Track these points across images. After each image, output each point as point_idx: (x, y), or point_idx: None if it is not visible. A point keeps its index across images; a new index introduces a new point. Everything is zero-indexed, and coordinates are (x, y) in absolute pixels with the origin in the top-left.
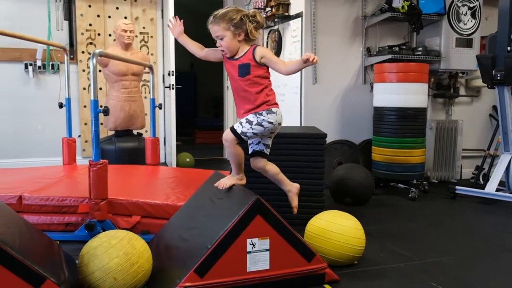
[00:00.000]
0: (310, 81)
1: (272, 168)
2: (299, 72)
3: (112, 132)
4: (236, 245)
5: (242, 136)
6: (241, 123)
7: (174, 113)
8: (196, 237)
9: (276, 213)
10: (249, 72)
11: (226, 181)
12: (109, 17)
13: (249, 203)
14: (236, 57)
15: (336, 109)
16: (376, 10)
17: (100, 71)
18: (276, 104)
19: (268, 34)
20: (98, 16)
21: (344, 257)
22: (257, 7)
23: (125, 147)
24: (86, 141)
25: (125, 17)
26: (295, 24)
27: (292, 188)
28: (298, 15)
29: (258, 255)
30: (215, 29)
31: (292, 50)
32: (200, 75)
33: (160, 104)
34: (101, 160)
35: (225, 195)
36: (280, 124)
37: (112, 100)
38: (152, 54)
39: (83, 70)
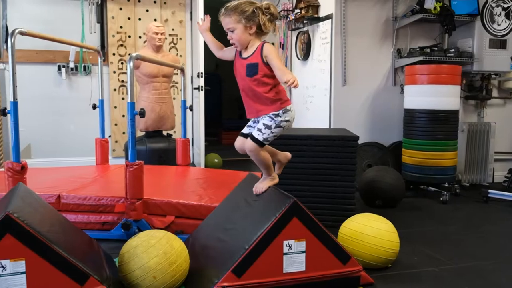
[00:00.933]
0: (339, 83)
1: (268, 147)
2: (328, 74)
3: (142, 133)
4: (273, 246)
5: (265, 142)
6: (260, 130)
7: (203, 114)
8: (233, 238)
9: (312, 215)
10: (257, 72)
11: (261, 186)
12: (139, 19)
13: (286, 205)
14: (246, 56)
15: (365, 111)
16: (407, 11)
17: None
18: (287, 100)
19: (297, 36)
20: (129, 18)
21: (378, 260)
22: (285, 8)
23: (155, 148)
24: (116, 141)
25: (155, 20)
26: (324, 25)
27: (282, 158)
28: (328, 17)
29: (294, 256)
30: (226, 21)
31: (322, 51)
32: (225, 76)
33: (191, 106)
34: (137, 161)
35: (261, 197)
36: (293, 119)
37: (143, 101)
38: (181, 56)
39: (114, 72)
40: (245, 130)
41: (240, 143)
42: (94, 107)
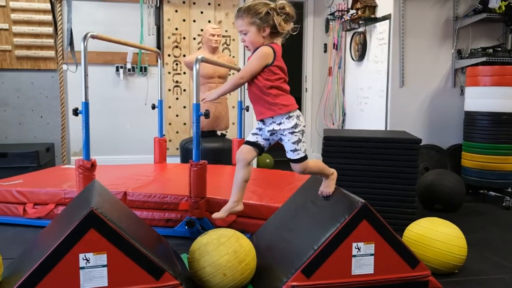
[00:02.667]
0: (397, 84)
1: (247, 172)
2: (384, 75)
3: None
4: (342, 248)
5: (306, 154)
6: (294, 150)
7: (252, 114)
8: (300, 238)
9: (381, 218)
10: (255, 78)
11: (327, 190)
12: (194, 21)
13: (357, 208)
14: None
15: (423, 112)
16: (469, 11)
17: (183, 73)
18: (290, 105)
19: (352, 36)
20: (184, 20)
21: (445, 265)
22: (340, 9)
23: (210, 147)
24: (170, 140)
25: (209, 21)
26: (382, 26)
27: (235, 204)
28: (386, 17)
29: (363, 259)
30: (239, 23)
31: (378, 52)
32: None
33: (247, 107)
34: (201, 160)
35: (329, 198)
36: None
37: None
38: (233, 57)
39: (169, 73)
40: (251, 138)
41: (245, 152)
42: (154, 107)
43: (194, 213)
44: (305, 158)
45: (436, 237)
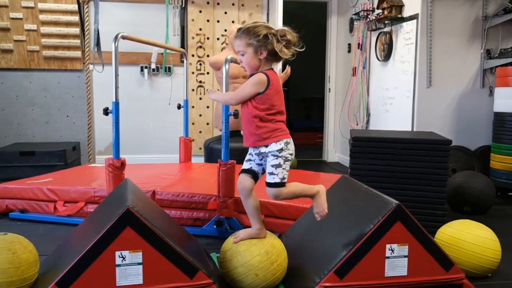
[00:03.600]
0: (424, 84)
1: (254, 199)
2: (411, 76)
3: (220, 133)
4: (375, 249)
5: (283, 181)
6: (271, 173)
7: None
8: (332, 239)
9: (416, 220)
10: (245, 101)
11: (320, 209)
12: (218, 21)
13: (391, 209)
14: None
15: (450, 113)
16: (499, 10)
17: (207, 73)
18: (286, 133)
19: (378, 36)
20: (208, 20)
21: (479, 268)
22: (365, 9)
23: (234, 147)
24: (193, 140)
25: (233, 21)
26: (408, 26)
27: (258, 231)
28: (413, 17)
29: (397, 261)
30: (237, 43)
31: (405, 52)
32: (290, 78)
33: None
34: (229, 160)
35: (362, 200)
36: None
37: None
38: None
39: (192, 73)
40: (246, 165)
41: (244, 181)
42: (179, 107)
43: (222, 213)
44: (280, 185)
45: (469, 239)
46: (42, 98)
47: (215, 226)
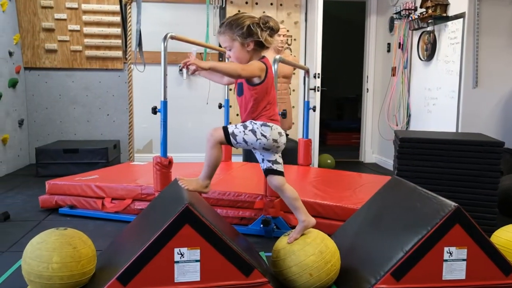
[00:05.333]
0: (469, 85)
1: (290, 190)
2: (456, 76)
3: None
4: (433, 252)
5: (231, 137)
6: (235, 125)
7: (318, 115)
8: (387, 240)
9: (475, 223)
10: (243, 92)
11: (188, 184)
12: None
13: (449, 211)
14: None
15: (497, 114)
16: None
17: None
18: (274, 120)
19: (420, 35)
20: None
21: None
22: (406, 8)
23: None
24: None
25: None
26: (454, 25)
27: (307, 220)
28: (458, 16)
29: (455, 264)
30: (222, 39)
31: (450, 52)
32: (324, 77)
33: (314, 107)
34: None
35: (417, 201)
36: (275, 141)
37: None
38: (294, 56)
39: None
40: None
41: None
42: (220, 106)
43: (269, 212)
44: (227, 135)
45: None
46: (84, 97)
47: (261, 225)
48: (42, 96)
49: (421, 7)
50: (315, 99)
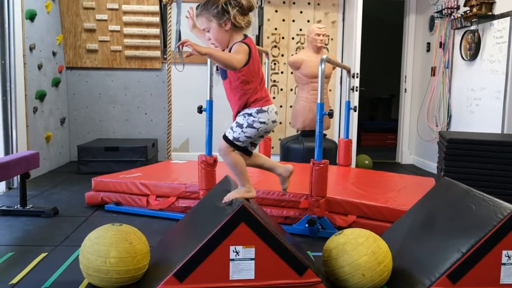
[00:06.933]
0: None
1: (261, 159)
2: (502, 76)
3: (295, 132)
4: (491, 255)
5: (235, 142)
6: (231, 128)
7: (357, 115)
8: (440, 242)
9: None
10: (227, 76)
11: (230, 195)
12: (293, 21)
13: (508, 214)
14: None
15: None
16: None
17: (281, 73)
18: (267, 101)
19: (463, 35)
20: (283, 20)
21: None
22: (449, 6)
23: (312, 147)
24: None
25: (308, 21)
26: (500, 24)
27: (283, 172)
28: (505, 15)
29: None
30: (199, 21)
31: (495, 51)
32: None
33: (355, 107)
34: (322, 160)
35: (471, 203)
36: (274, 122)
37: (301, 101)
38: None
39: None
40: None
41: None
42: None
43: (314, 212)
44: (231, 143)
45: None
46: (123, 96)
47: (307, 225)
48: (82, 95)
49: (464, 5)
50: (353, 99)
